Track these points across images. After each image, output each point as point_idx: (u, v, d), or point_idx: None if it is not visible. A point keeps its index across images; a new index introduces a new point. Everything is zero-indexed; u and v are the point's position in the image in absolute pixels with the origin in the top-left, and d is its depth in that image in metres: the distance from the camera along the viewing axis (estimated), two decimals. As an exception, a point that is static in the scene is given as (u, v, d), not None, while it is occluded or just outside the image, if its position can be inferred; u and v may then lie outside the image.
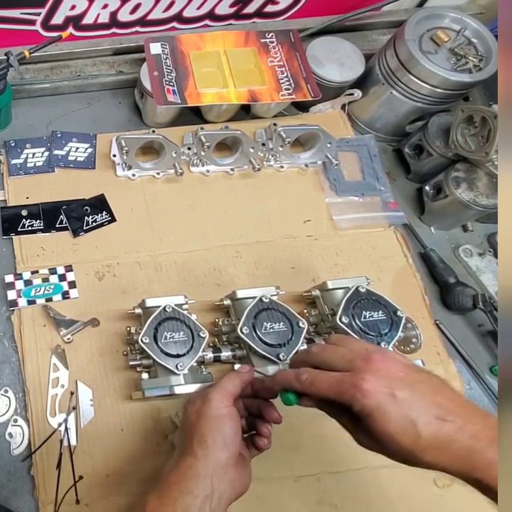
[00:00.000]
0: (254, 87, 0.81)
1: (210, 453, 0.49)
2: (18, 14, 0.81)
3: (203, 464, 0.48)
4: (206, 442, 0.49)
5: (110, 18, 0.85)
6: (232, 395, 0.52)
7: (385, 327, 0.63)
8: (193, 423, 0.51)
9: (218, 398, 0.51)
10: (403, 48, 0.77)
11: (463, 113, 0.74)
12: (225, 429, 0.50)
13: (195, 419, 0.51)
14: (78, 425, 0.66)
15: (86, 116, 0.89)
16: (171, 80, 0.80)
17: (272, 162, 0.83)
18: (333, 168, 0.82)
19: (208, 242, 0.78)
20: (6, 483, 0.64)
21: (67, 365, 0.69)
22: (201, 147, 0.79)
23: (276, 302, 0.65)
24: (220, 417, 0.50)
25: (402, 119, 0.85)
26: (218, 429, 0.50)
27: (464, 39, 0.78)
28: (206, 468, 0.48)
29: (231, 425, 0.50)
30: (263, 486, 0.63)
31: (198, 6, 0.87)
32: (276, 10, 0.90)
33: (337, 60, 0.85)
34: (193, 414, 0.52)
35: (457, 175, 0.77)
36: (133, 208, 0.80)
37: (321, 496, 0.63)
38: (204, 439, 0.49)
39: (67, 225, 0.77)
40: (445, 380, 0.45)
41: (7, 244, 0.77)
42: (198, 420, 0.51)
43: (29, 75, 0.88)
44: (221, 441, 0.49)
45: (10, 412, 0.67)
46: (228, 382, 0.53)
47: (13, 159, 0.81)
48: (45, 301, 0.72)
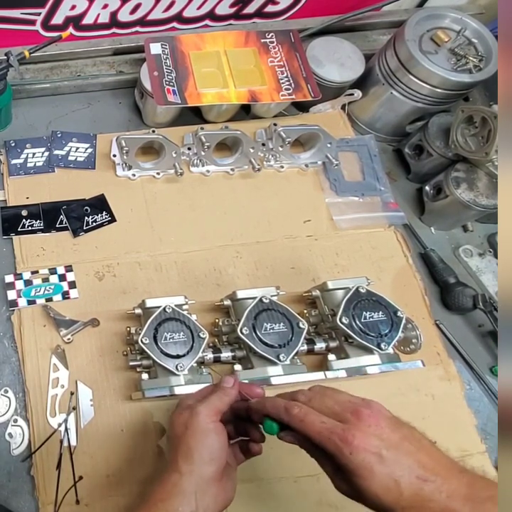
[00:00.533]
0: (254, 87, 0.81)
1: (196, 468, 0.48)
2: (18, 14, 0.81)
3: (187, 480, 0.48)
4: (192, 457, 0.49)
5: (110, 18, 0.85)
6: (219, 412, 0.51)
7: (385, 327, 0.63)
8: (180, 435, 0.51)
9: (206, 413, 0.50)
10: (403, 48, 0.77)
11: (463, 113, 0.74)
12: (211, 443, 0.49)
13: (181, 430, 0.51)
14: (78, 425, 0.66)
15: (86, 116, 0.89)
16: (171, 80, 0.80)
17: (272, 162, 0.83)
18: (333, 168, 0.82)
19: (208, 242, 0.78)
20: (6, 484, 0.64)
21: (67, 365, 0.69)
22: (201, 147, 0.79)
23: (276, 303, 0.65)
24: (207, 431, 0.50)
25: (402, 119, 0.85)
26: (205, 443, 0.49)
27: (464, 39, 0.78)
28: (190, 484, 0.48)
29: (218, 439, 0.50)
30: (263, 486, 0.63)
31: (198, 6, 0.87)
32: (277, 10, 0.90)
33: (337, 60, 0.85)
34: (179, 426, 0.51)
35: (457, 175, 0.77)
36: (133, 208, 0.80)
37: (321, 496, 0.63)
38: (190, 453, 0.49)
39: (67, 225, 0.77)
40: (423, 434, 0.46)
41: (7, 244, 0.77)
42: (185, 432, 0.50)
43: (29, 75, 0.88)
44: (207, 455, 0.49)
45: (10, 412, 0.67)
46: (216, 399, 0.52)
47: (13, 159, 0.81)
48: (45, 301, 0.72)
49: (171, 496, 0.48)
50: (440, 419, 0.68)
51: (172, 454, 0.51)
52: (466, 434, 0.67)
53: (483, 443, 0.67)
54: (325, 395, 0.48)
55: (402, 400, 0.69)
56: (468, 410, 0.69)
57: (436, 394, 0.69)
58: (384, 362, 0.63)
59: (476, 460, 0.65)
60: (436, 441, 0.67)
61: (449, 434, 0.67)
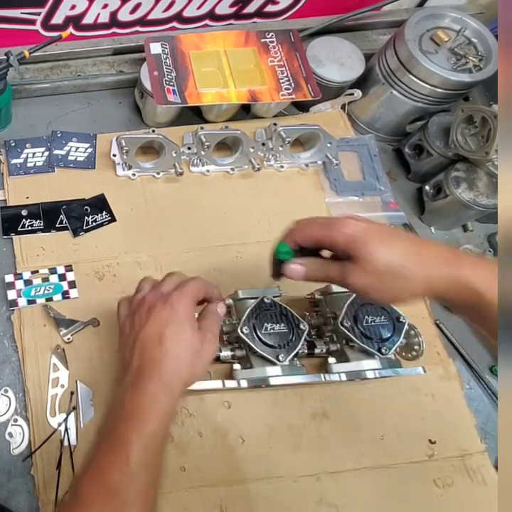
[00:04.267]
0: (254, 87, 0.81)
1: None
2: (18, 14, 0.81)
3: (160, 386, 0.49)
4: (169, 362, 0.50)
5: (110, 18, 0.85)
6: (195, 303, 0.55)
7: (387, 332, 0.63)
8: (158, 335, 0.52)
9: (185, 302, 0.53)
10: (403, 47, 0.77)
11: (463, 113, 0.74)
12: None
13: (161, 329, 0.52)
14: (78, 425, 0.66)
15: (86, 116, 0.88)
16: (171, 79, 0.80)
17: (272, 162, 0.83)
18: (333, 168, 0.82)
19: (208, 242, 0.78)
20: (6, 483, 0.64)
21: (67, 365, 0.69)
22: (201, 147, 0.79)
23: (278, 303, 0.65)
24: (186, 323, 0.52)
25: (402, 119, 0.85)
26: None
27: (464, 39, 0.78)
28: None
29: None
30: (263, 486, 0.63)
31: (198, 6, 0.87)
32: (276, 10, 0.90)
33: (337, 60, 0.85)
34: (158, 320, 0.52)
35: (457, 175, 0.77)
36: (133, 207, 0.80)
37: (320, 496, 0.63)
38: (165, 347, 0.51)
39: (67, 225, 0.77)
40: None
41: (7, 244, 0.77)
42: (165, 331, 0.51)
43: (29, 74, 0.88)
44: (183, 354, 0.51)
45: (10, 411, 0.67)
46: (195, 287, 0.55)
47: (13, 159, 0.81)
48: (45, 301, 0.72)
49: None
50: (440, 419, 0.68)
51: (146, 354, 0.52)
52: (466, 433, 0.67)
53: (482, 442, 0.67)
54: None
55: (402, 399, 0.69)
56: (467, 410, 0.69)
57: (436, 393, 0.69)
58: (384, 367, 0.63)
59: (475, 460, 0.65)
60: (436, 440, 0.68)
61: (449, 433, 0.67)
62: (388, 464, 0.65)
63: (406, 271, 0.45)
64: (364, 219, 0.49)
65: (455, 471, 0.65)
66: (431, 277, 0.45)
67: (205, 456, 0.65)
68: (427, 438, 0.67)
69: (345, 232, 0.47)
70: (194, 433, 0.66)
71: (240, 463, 0.64)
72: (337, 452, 0.66)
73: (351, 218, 0.49)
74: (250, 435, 0.66)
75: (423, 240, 0.49)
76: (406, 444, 0.66)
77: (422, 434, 0.67)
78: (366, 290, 0.48)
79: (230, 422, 0.67)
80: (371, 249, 0.46)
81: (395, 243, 0.47)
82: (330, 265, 0.51)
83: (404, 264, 0.45)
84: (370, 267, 0.46)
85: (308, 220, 0.52)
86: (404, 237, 0.48)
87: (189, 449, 0.65)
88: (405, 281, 0.46)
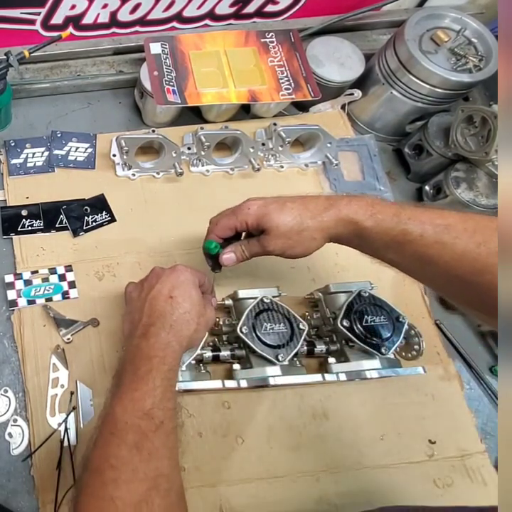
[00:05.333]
0: (254, 87, 0.81)
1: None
2: (18, 14, 0.81)
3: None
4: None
5: (110, 18, 0.85)
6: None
7: (387, 332, 0.63)
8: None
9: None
10: (403, 47, 0.77)
11: (463, 113, 0.74)
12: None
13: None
14: (78, 425, 0.66)
15: (86, 116, 0.89)
16: (171, 79, 0.80)
17: (271, 162, 0.83)
18: (333, 168, 0.82)
19: (208, 242, 0.78)
20: (6, 483, 0.64)
21: (67, 365, 0.69)
22: (201, 147, 0.79)
23: (277, 303, 0.65)
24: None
25: (402, 119, 0.85)
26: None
27: (463, 39, 0.78)
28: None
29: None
30: (263, 486, 0.63)
31: (198, 6, 0.86)
32: (276, 10, 0.90)
33: (337, 60, 0.85)
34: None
35: (457, 175, 0.77)
36: (133, 207, 0.80)
37: (320, 496, 0.63)
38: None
39: (67, 225, 0.77)
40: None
41: (7, 244, 0.77)
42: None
43: (29, 74, 0.88)
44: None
45: (10, 412, 0.67)
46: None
47: (13, 159, 0.81)
48: (45, 301, 0.72)
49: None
50: (440, 419, 0.68)
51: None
52: (466, 433, 0.67)
53: (482, 443, 0.67)
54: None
55: (402, 399, 0.69)
56: (467, 410, 0.69)
57: (436, 394, 0.69)
58: (384, 367, 0.63)
59: (475, 460, 0.65)
60: (436, 440, 0.68)
61: (449, 433, 0.67)
62: (388, 464, 0.65)
63: (303, 225, 0.55)
64: (259, 197, 0.59)
65: (455, 471, 0.65)
66: (322, 222, 0.55)
67: (205, 456, 0.65)
68: (427, 438, 0.67)
69: (249, 213, 0.58)
70: (194, 433, 0.66)
71: (240, 463, 0.65)
72: (337, 452, 0.66)
73: (249, 200, 0.59)
74: (250, 435, 0.66)
75: (307, 197, 0.57)
76: (406, 444, 0.66)
77: (422, 434, 0.67)
78: (284, 250, 0.58)
79: (229, 422, 0.67)
80: (274, 217, 0.56)
81: (290, 206, 0.56)
82: (251, 243, 0.60)
83: (300, 220, 0.55)
84: (279, 232, 0.56)
85: (218, 216, 0.63)
86: (294, 199, 0.57)
87: (189, 449, 0.65)
88: (306, 232, 0.56)
